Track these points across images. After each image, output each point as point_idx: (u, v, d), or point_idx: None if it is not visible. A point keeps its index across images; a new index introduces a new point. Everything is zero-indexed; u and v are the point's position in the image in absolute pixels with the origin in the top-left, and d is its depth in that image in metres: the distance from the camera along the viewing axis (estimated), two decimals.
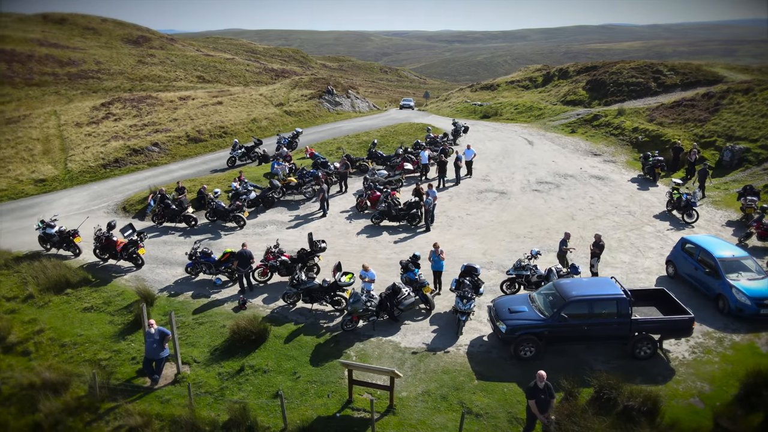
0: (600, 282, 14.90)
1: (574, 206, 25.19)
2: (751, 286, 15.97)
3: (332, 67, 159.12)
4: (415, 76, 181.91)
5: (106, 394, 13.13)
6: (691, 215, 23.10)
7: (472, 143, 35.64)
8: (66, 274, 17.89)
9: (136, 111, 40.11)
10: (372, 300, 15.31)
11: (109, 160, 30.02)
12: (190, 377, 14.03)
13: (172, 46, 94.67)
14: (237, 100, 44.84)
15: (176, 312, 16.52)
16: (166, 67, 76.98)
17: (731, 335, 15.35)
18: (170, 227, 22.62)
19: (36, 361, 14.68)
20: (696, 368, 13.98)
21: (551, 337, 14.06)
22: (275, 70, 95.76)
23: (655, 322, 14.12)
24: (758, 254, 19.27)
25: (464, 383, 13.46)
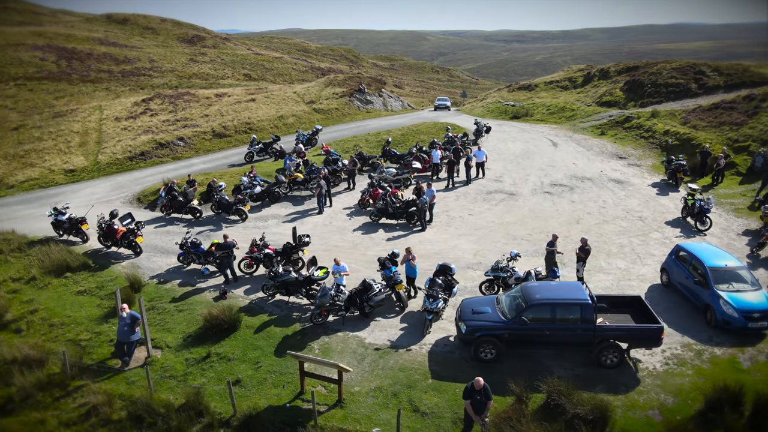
0: (567, 286, 14.52)
1: (583, 210, 24.52)
2: (740, 298, 15.19)
3: (383, 66, 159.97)
4: (467, 76, 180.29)
5: (77, 372, 13.90)
6: (704, 222, 22.08)
7: (494, 144, 35.35)
8: (67, 258, 18.96)
9: (172, 107, 41.78)
10: (340, 295, 15.49)
11: (136, 153, 31.48)
12: (159, 361, 14.65)
13: (224, 45, 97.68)
14: (270, 98, 45.93)
15: (160, 299, 17.25)
16: (215, 66, 79.54)
17: (713, 348, 14.64)
18: (177, 218, 23.55)
19: (25, 338, 15.68)
20: (664, 380, 13.43)
21: (512, 340, 13.83)
22: (322, 68, 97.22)
23: (620, 330, 13.66)
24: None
25: (418, 382, 13.45)
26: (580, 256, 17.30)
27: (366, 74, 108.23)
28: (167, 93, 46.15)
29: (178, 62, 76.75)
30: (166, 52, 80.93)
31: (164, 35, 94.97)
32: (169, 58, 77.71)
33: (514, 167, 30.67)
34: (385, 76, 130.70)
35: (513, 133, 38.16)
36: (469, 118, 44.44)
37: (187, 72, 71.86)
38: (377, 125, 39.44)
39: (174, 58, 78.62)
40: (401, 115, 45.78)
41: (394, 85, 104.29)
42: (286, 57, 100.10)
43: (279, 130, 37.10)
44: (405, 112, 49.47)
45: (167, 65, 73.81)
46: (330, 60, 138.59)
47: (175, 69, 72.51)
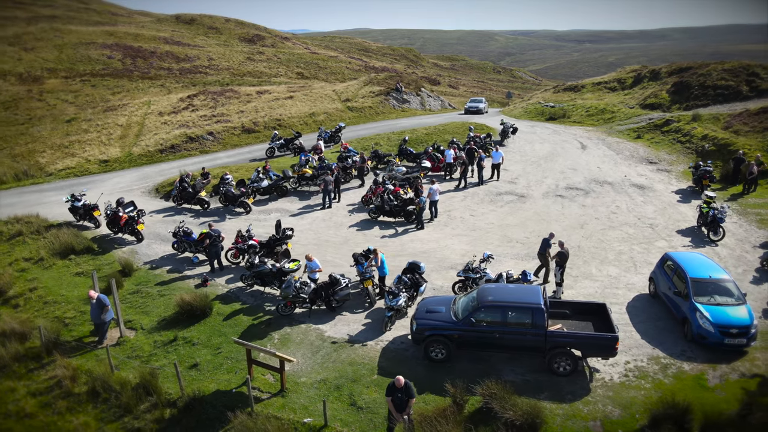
0: (524, 290, 14.17)
1: (592, 215, 23.72)
2: (719, 312, 14.35)
3: (444, 66, 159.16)
4: (531, 77, 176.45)
5: (52, 347, 14.93)
6: (717, 232, 20.88)
7: (520, 145, 34.68)
8: (73, 242, 20.29)
9: (213, 103, 43.50)
10: (305, 288, 15.80)
11: (167, 146, 33.08)
12: (131, 342, 15.48)
13: (283, 44, 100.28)
14: (309, 96, 46.91)
15: (147, 283, 18.18)
16: (270, 64, 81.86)
17: (682, 363, 13.91)
18: (186, 209, 24.62)
19: (21, 313, 16.96)
20: (617, 392, 12.91)
21: (462, 341, 13.68)
22: (376, 68, 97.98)
23: (573, 338, 13.22)
24: None
25: (364, 376, 13.56)
26: (557, 260, 16.81)
27: (420, 74, 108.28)
28: (213, 90, 48.06)
29: (235, 60, 79.53)
30: (225, 51, 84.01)
31: (227, 35, 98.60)
32: (227, 57, 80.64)
33: (534, 169, 29.99)
34: (443, 75, 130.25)
35: (543, 135, 37.24)
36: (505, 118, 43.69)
37: (242, 70, 74.34)
38: (407, 124, 39.50)
39: (232, 56, 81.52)
40: (436, 115, 45.60)
41: (448, 85, 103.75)
42: (341, 56, 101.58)
43: (308, 127, 37.89)
44: (442, 112, 49.20)
45: (224, 63, 76.65)
46: (389, 59, 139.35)
47: (231, 67, 75.19)
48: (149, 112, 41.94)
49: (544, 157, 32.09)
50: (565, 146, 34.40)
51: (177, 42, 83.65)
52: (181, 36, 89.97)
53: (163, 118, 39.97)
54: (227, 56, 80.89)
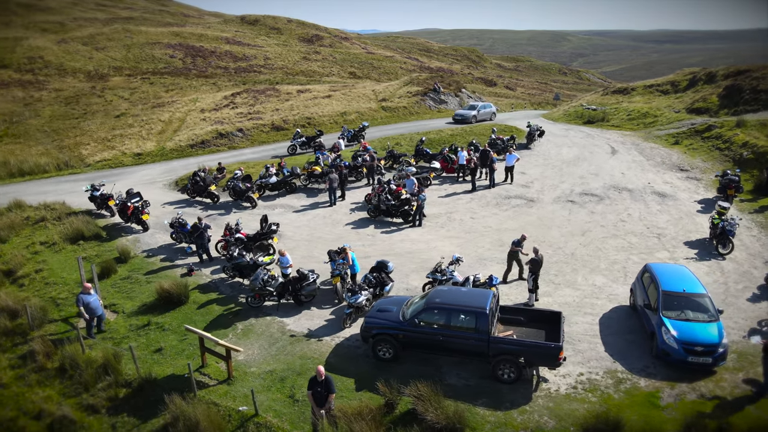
0: (474, 294, 13.95)
1: (598, 222, 22.91)
2: (685, 328, 13.62)
3: (507, 66, 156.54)
4: (599, 78, 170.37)
5: (38, 324, 16.13)
6: (726, 245, 19.73)
7: (546, 148, 33.87)
8: (83, 228, 21.70)
9: (253, 100, 44.98)
10: (272, 281, 16.25)
11: (197, 142, 34.59)
12: (110, 324, 16.46)
13: (340, 44, 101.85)
14: (347, 95, 47.59)
15: (139, 270, 19.21)
16: (324, 64, 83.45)
17: (639, 379, 13.32)
18: (198, 201, 25.73)
19: (23, 292, 18.40)
20: (559, 403, 12.55)
21: (407, 341, 13.68)
22: (431, 68, 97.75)
23: (515, 345, 12.94)
24: None
25: (309, 371, 13.76)
26: (530, 267, 16.41)
27: (477, 75, 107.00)
28: (256, 89, 49.67)
29: (291, 60, 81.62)
30: (282, 51, 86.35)
31: (287, 35, 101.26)
32: (283, 56, 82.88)
33: (553, 173, 29.21)
34: (504, 77, 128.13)
35: (575, 139, 36.12)
36: (539, 121, 42.66)
37: (296, 69, 76.24)
38: (437, 125, 39.33)
39: (288, 56, 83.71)
40: None
41: (505, 86, 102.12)
42: (397, 56, 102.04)
43: (338, 126, 38.44)
44: None
45: (279, 63, 78.86)
46: (450, 59, 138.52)
47: (286, 66, 77.26)
48: (193, 109, 43.90)
49: (568, 162, 31.18)
50: (594, 150, 33.26)
51: (238, 42, 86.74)
52: (242, 36, 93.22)
53: (204, 114, 41.74)
54: (283, 56, 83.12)
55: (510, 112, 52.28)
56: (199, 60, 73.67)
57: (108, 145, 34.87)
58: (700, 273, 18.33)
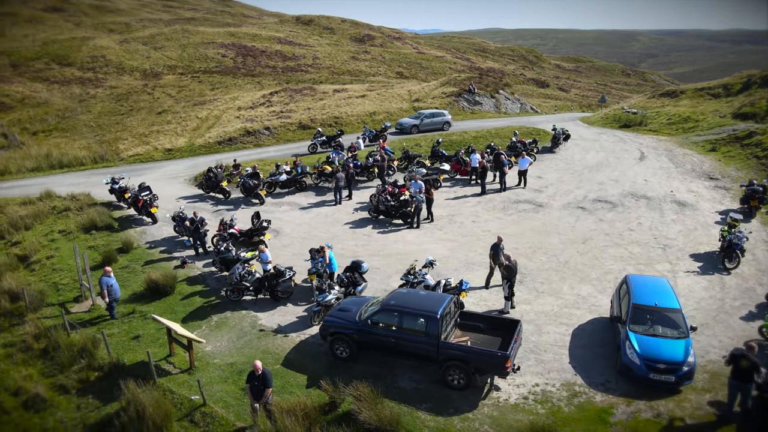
0: (431, 297, 13.83)
1: (604, 230, 22.16)
2: (650, 343, 13.07)
3: (567, 67, 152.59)
4: (665, 80, 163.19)
5: (35, 307, 17.25)
6: (732, 259, 18.71)
7: (571, 153, 33.02)
8: (96, 219, 22.95)
9: (288, 99, 46.01)
10: (248, 276, 16.70)
11: (225, 139, 35.76)
12: (99, 310, 17.39)
13: (391, 44, 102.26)
14: (382, 95, 47.86)
15: (137, 261, 20.16)
16: (372, 63, 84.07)
17: (596, 394, 12.88)
18: (210, 197, 26.66)
19: (32, 276, 19.70)
20: (504, 413, 12.32)
21: (361, 342, 13.76)
22: (481, 68, 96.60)
23: (463, 351, 12.79)
24: None
25: (268, 364, 14.05)
26: (503, 274, 16.11)
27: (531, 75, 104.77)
28: (293, 88, 50.76)
29: (339, 59, 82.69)
30: (332, 50, 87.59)
31: (339, 35, 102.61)
32: (333, 56, 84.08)
33: (571, 178, 28.42)
34: (561, 78, 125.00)
35: (605, 143, 34.95)
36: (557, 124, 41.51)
37: (342, 69, 77.21)
38: (464, 126, 38.98)
39: (337, 55, 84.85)
40: (504, 118, 44.35)
41: (558, 87, 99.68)
42: (447, 56, 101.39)
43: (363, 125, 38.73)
44: (517, 115, 47.69)
45: (327, 62, 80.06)
46: (506, 60, 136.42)
47: (333, 66, 78.36)
48: (231, 107, 45.37)
49: (591, 167, 30.23)
50: (621, 156, 32.10)
51: (289, 42, 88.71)
52: (295, 36, 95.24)
53: (239, 112, 43.06)
54: (332, 55, 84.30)
55: (548, 115, 51.08)
56: (249, 59, 75.85)
57: (143, 141, 36.61)
58: (697, 287, 17.55)
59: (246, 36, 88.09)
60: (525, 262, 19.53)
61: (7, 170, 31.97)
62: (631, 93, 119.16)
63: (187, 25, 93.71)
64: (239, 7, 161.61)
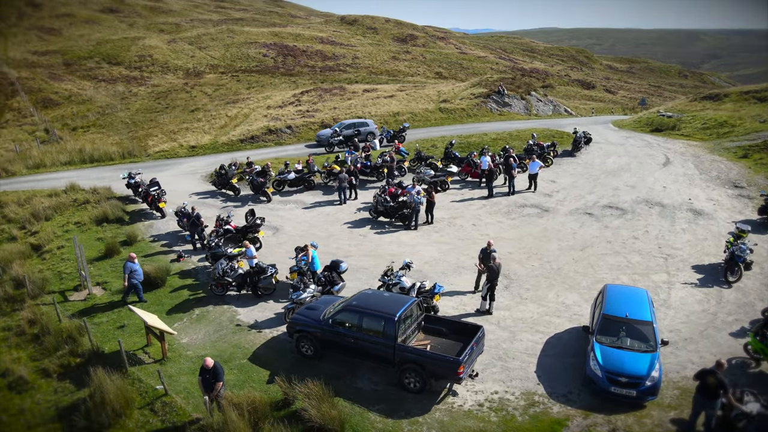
0: (393, 299, 13.80)
1: (607, 237, 21.52)
2: (613, 355, 12.67)
3: (619, 68, 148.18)
4: (726, 82, 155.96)
5: (36, 294, 18.22)
6: (734, 272, 17.83)
7: (592, 157, 32.18)
8: (108, 212, 23.98)
9: (317, 99, 46.62)
10: (230, 272, 17.11)
11: (248, 137, 36.58)
12: (95, 298, 18.16)
13: (434, 44, 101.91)
14: (411, 95, 47.83)
15: (138, 253, 20.85)
16: (412, 63, 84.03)
17: (554, 404, 12.57)
18: (221, 193, 27.37)
19: (43, 264, 20.80)
20: (455, 419, 12.20)
21: (324, 340, 13.89)
22: (524, 69, 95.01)
23: (417, 354, 12.72)
24: None
25: (235, 359, 14.46)
26: (487, 275, 15.92)
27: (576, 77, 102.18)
28: (324, 87, 51.36)
29: (379, 59, 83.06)
30: (373, 50, 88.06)
31: (382, 35, 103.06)
32: (373, 56, 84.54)
33: (585, 183, 27.68)
34: (612, 79, 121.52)
35: (631, 147, 33.82)
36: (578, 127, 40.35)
37: (381, 69, 77.52)
38: (487, 128, 38.52)
39: (377, 55, 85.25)
40: (532, 120, 43.57)
41: (604, 89, 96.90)
42: (490, 56, 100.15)
43: (389, 125, 38.87)
44: (548, 118, 46.72)
45: (367, 62, 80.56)
46: (555, 60, 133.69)
47: (372, 65, 78.79)
48: (261, 105, 46.36)
49: (609, 171, 29.35)
50: (644, 161, 31.00)
51: (331, 42, 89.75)
52: (338, 36, 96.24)
53: (267, 111, 43.95)
54: (372, 55, 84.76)
55: (583, 117, 49.82)
56: (289, 59, 77.20)
57: (171, 138, 37.91)
58: (691, 300, 16.85)
59: (289, 36, 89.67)
60: (516, 268, 19.23)
61: (42, 163, 33.78)
62: (686, 95, 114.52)
63: (234, 25, 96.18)
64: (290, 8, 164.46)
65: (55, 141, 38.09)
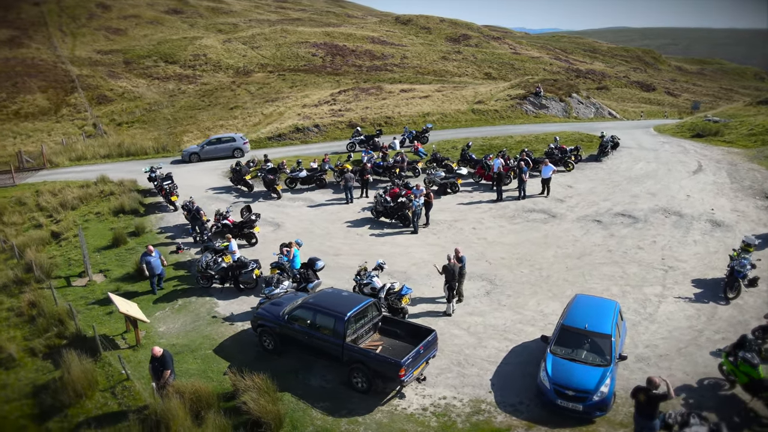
0: (349, 298, 13.88)
1: (608, 246, 20.73)
2: (563, 367, 12.28)
3: (689, 70, 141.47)
4: None
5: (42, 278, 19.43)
6: (732, 288, 16.82)
7: (618, 162, 31.05)
8: (125, 203, 25.22)
9: (353, 98, 47.09)
10: (213, 266, 17.66)
11: (276, 134, 37.42)
12: (94, 284, 19.19)
13: (487, 44, 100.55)
14: (447, 96, 47.50)
15: (143, 244, 21.73)
16: (461, 64, 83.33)
17: (499, 414, 12.32)
18: (237, 189, 28.18)
19: (56, 251, 22.14)
20: (394, 422, 12.17)
21: (281, 336, 14.15)
22: (579, 70, 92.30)
23: (362, 354, 12.75)
24: None
25: (202, 349, 14.95)
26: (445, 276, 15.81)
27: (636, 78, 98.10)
28: (362, 87, 51.77)
29: (428, 59, 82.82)
30: (423, 50, 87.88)
31: (435, 34, 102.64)
32: (422, 56, 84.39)
33: (604, 189, 26.70)
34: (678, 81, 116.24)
35: (664, 153, 32.28)
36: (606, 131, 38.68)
37: (428, 69, 77.30)
38: (518, 131, 37.74)
39: (426, 55, 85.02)
40: (568, 123, 42.28)
41: (665, 92, 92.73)
42: (545, 56, 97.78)
43: (416, 126, 38.78)
44: (589, 121, 45.18)
45: (415, 62, 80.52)
46: (618, 61, 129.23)
47: (420, 65, 78.68)
48: (297, 104, 47.29)
49: (632, 178, 28.16)
50: (674, 168, 29.53)
51: (382, 41, 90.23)
52: (390, 36, 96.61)
53: (301, 110, 44.78)
54: (422, 55, 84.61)
55: (631, 121, 47.96)
56: (338, 58, 78.21)
57: (205, 134, 39.32)
58: (679, 316, 16.03)
59: (340, 36, 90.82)
60: (504, 273, 18.85)
61: (84, 156, 35.85)
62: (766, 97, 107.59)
63: (289, 25, 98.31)
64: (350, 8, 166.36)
65: (100, 135, 40.33)
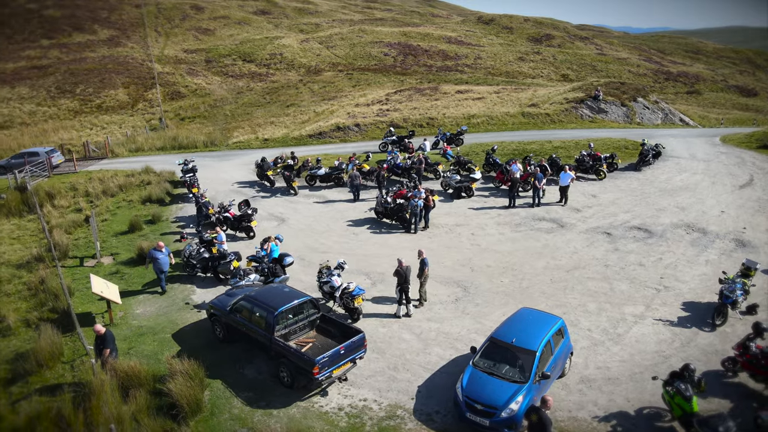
0: (287, 295, 14.14)
1: (606, 261, 19.63)
2: (478, 381, 11.93)
3: None
4: None
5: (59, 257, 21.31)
6: (719, 314, 15.47)
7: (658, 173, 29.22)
8: (152, 193, 26.99)
9: (405, 98, 47.24)
10: (195, 255, 18.59)
11: (317, 132, 38.32)
12: (100, 266, 20.80)
13: (571, 44, 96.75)
14: (502, 98, 46.46)
15: (156, 232, 23.35)
16: (538, 65, 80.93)
17: (410, 421, 12.18)
18: (260, 184, 29.27)
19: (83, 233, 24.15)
20: (305, 417, 12.34)
21: (227, 326, 14.71)
22: (670, 72, 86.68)
23: (284, 349, 13.01)
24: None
25: (163, 332, 15.82)
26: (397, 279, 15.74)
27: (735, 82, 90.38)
28: (417, 87, 51.73)
29: (503, 60, 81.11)
30: (499, 50, 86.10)
31: (517, 34, 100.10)
32: (498, 57, 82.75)
33: (629, 200, 25.18)
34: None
35: (716, 165, 29.88)
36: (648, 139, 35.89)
37: (501, 70, 75.74)
38: (563, 135, 36.28)
39: (502, 56, 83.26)
40: (625, 129, 39.92)
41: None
42: (632, 58, 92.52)
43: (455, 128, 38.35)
44: (652, 127, 42.47)
45: (488, 63, 79.14)
46: (724, 63, 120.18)
47: (493, 66, 77.25)
48: (351, 103, 48.12)
49: (668, 190, 26.35)
50: (720, 180, 27.33)
51: (458, 41, 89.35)
52: (468, 36, 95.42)
53: (354, 109, 45.51)
54: (497, 56, 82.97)
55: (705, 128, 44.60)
56: (409, 58, 78.46)
57: (254, 130, 41.04)
58: (650, 339, 15.03)
59: (417, 35, 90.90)
60: (482, 282, 18.38)
61: (141, 148, 38.65)
62: None
63: (368, 25, 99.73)
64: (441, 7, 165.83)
65: (162, 129, 43.23)
